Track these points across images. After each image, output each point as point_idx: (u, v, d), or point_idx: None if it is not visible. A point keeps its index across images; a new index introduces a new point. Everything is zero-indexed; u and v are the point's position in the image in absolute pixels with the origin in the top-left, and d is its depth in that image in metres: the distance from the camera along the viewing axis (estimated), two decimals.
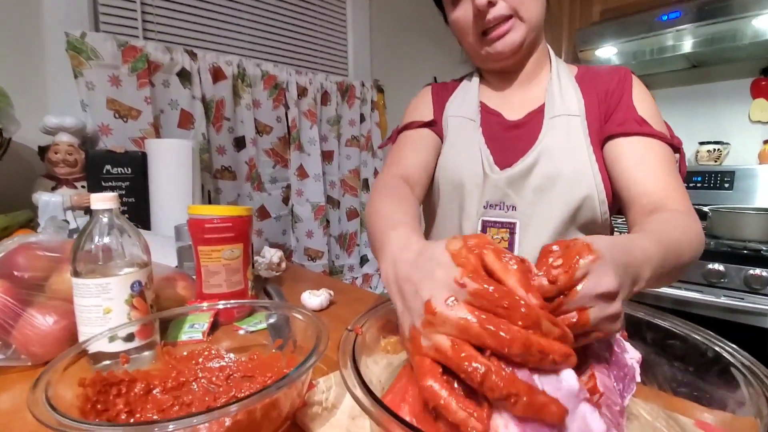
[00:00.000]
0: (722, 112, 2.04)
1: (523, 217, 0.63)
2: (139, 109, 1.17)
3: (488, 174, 0.64)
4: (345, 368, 0.25)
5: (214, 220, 0.67)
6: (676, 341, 0.31)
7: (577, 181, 0.60)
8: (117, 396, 0.39)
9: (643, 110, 0.60)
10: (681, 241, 0.43)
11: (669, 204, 0.52)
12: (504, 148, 0.66)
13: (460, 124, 0.71)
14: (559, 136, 0.62)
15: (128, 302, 0.50)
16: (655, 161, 0.56)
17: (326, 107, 1.68)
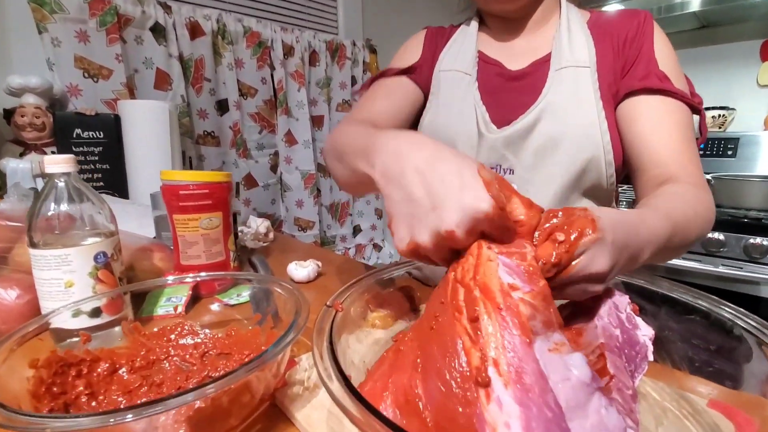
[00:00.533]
0: (730, 75, 1.98)
1: (521, 181, 0.58)
2: (110, 68, 1.10)
3: (483, 134, 0.59)
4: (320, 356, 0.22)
5: (190, 186, 0.63)
6: (696, 316, 0.28)
7: (584, 141, 0.55)
8: (77, 377, 0.36)
9: (665, 64, 0.55)
10: (690, 220, 0.41)
11: (682, 176, 0.48)
12: (502, 104, 0.60)
13: (454, 79, 0.64)
14: (566, 91, 0.56)
15: (92, 275, 0.46)
16: (673, 127, 0.52)
17: (315, 68, 1.59)
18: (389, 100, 0.66)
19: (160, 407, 0.22)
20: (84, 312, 0.44)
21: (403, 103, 0.66)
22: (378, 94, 0.68)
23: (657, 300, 0.34)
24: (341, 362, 0.22)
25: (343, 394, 0.19)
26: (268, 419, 0.34)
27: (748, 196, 1.40)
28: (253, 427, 0.33)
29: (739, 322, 0.26)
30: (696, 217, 0.42)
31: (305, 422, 0.32)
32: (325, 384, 0.20)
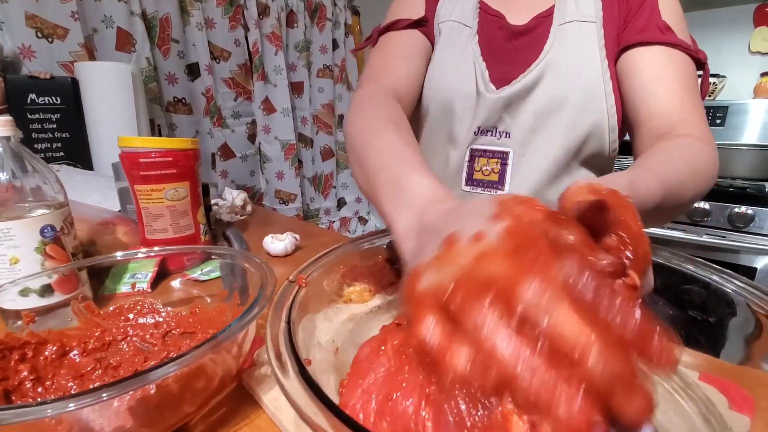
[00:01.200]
0: (721, 42, 1.95)
1: (518, 145, 0.55)
2: (65, 27, 1.01)
3: (482, 93, 0.55)
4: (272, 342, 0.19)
5: (152, 153, 0.58)
6: (694, 286, 0.26)
7: (587, 103, 0.52)
8: (20, 361, 0.33)
9: (669, 15, 0.51)
10: (685, 181, 0.37)
11: (682, 128, 0.45)
12: (504, 61, 0.56)
13: (452, 30, 0.59)
14: (569, 48, 0.53)
15: (39, 250, 0.42)
16: (674, 77, 0.48)
17: (293, 30, 1.51)
18: (408, 61, 0.60)
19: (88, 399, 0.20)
20: (33, 290, 0.41)
21: (422, 65, 0.60)
22: (394, 54, 0.61)
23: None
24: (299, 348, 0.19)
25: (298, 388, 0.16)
26: (234, 402, 0.32)
27: (734, 164, 1.40)
28: (217, 411, 0.31)
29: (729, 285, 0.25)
30: (693, 177, 0.38)
31: (272, 405, 0.30)
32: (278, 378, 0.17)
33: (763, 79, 1.81)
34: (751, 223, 1.22)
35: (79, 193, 0.78)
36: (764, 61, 1.86)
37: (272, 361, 0.18)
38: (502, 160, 0.56)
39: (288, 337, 0.19)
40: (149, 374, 0.21)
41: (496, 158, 0.56)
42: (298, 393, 0.16)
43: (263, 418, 0.30)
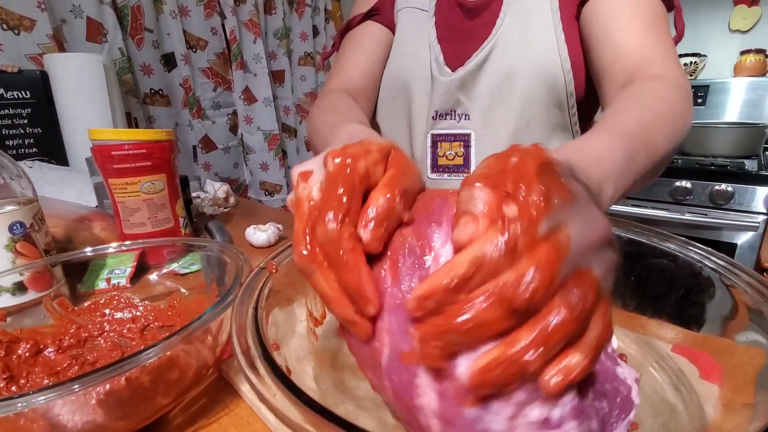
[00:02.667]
0: (701, 21, 1.97)
1: (478, 126, 0.55)
2: (32, 18, 0.97)
3: (436, 77, 0.55)
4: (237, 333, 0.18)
5: (125, 145, 0.57)
6: (663, 259, 0.27)
7: (540, 73, 0.51)
8: None
9: None
10: (652, 130, 0.34)
11: (646, 69, 0.42)
12: (458, 41, 0.55)
13: (410, 16, 0.59)
14: (521, 18, 0.52)
15: (9, 248, 0.41)
16: (635, 17, 0.45)
17: (271, 17, 1.47)
18: (359, 52, 0.61)
19: (58, 392, 0.19)
20: (5, 288, 0.40)
21: (375, 52, 0.61)
22: (347, 49, 0.62)
23: (624, 243, 0.32)
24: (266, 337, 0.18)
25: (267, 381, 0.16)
26: (214, 392, 0.32)
27: (714, 143, 1.43)
28: (197, 402, 0.31)
29: (707, 262, 0.25)
30: (661, 123, 0.35)
31: (252, 395, 0.29)
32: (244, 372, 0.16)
33: (743, 57, 1.83)
34: (732, 200, 1.25)
35: (54, 189, 0.77)
36: (744, 39, 1.88)
37: (235, 347, 0.17)
38: (464, 142, 0.55)
39: (254, 323, 0.19)
40: (117, 366, 0.21)
41: (459, 141, 0.56)
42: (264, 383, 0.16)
43: (243, 408, 0.30)
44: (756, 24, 1.85)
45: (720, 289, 0.26)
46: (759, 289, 0.21)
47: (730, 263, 0.24)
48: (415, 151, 0.60)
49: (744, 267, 0.24)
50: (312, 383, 0.24)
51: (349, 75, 0.59)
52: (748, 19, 1.87)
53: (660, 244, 0.28)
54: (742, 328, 0.23)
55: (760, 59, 1.79)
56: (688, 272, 0.26)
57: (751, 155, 1.39)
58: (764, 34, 1.84)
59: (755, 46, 1.82)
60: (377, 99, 0.64)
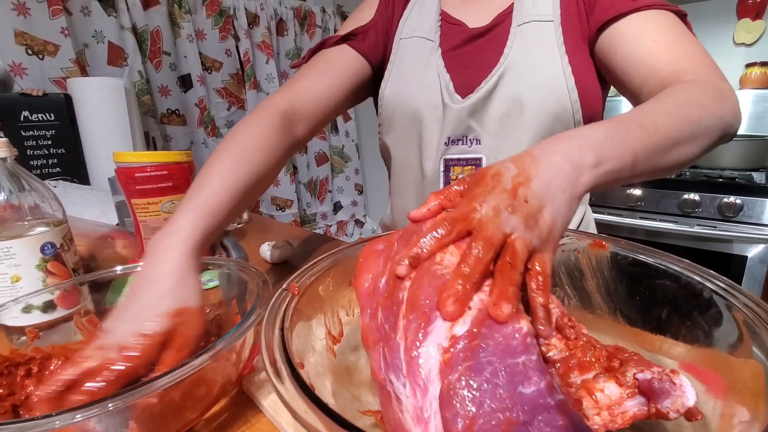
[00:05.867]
0: (706, 34, 1.98)
1: (489, 151, 0.56)
2: (56, 44, 1.02)
3: (448, 105, 0.56)
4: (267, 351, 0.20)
5: (147, 168, 0.59)
6: (667, 281, 0.28)
7: (549, 100, 0.52)
8: (26, 377, 0.34)
9: None
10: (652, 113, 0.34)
11: (680, 77, 0.41)
12: (466, 67, 0.56)
13: (415, 46, 0.60)
14: (528, 48, 0.53)
15: (41, 267, 0.43)
16: (657, 32, 0.46)
17: (283, 38, 1.52)
18: (322, 76, 0.59)
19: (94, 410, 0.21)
20: (36, 307, 0.42)
21: (338, 80, 0.60)
22: (312, 70, 0.61)
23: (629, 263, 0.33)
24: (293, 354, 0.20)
25: (294, 395, 0.17)
26: (235, 407, 0.33)
27: (722, 156, 1.42)
28: (219, 417, 0.32)
29: (708, 284, 0.26)
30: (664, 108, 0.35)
31: (272, 409, 0.31)
32: (273, 383, 0.18)
33: (748, 70, 1.83)
34: (741, 213, 1.24)
35: (77, 208, 0.79)
36: (748, 52, 1.89)
37: (267, 367, 0.19)
38: (476, 166, 0.56)
39: (282, 343, 0.20)
40: (152, 384, 0.22)
41: (471, 165, 0.57)
42: (293, 397, 0.17)
43: (264, 422, 0.32)
44: (760, 37, 1.86)
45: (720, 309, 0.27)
46: (756, 311, 0.22)
47: (730, 285, 0.25)
48: (426, 172, 0.61)
49: (742, 289, 0.25)
50: (331, 399, 0.25)
51: (300, 96, 0.57)
52: (753, 33, 1.88)
53: (664, 264, 0.29)
54: (742, 346, 0.24)
55: (766, 72, 1.80)
56: (690, 293, 0.27)
57: (759, 167, 1.39)
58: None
59: (760, 59, 1.82)
60: (386, 125, 0.64)
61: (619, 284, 0.32)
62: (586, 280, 0.34)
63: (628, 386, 0.25)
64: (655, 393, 0.24)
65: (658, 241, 1.43)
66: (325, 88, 0.59)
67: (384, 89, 0.62)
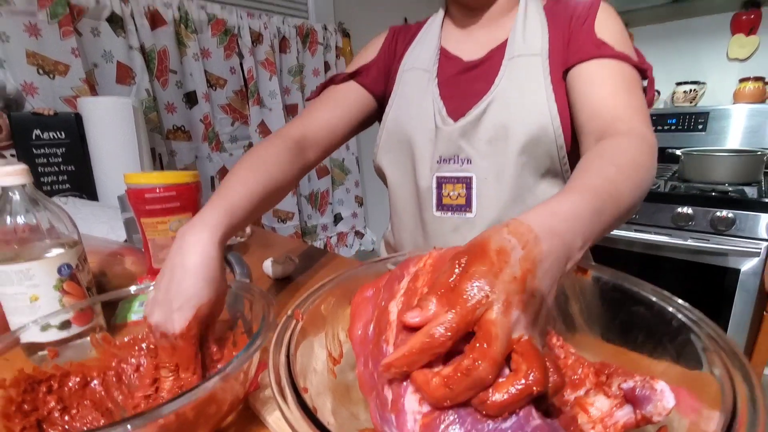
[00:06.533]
0: (700, 49, 2.02)
1: (479, 170, 0.59)
2: (66, 63, 1.05)
3: (440, 127, 0.60)
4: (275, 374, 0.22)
5: (156, 189, 0.62)
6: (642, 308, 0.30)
7: (532, 128, 0.55)
8: (47, 393, 0.36)
9: (605, 33, 0.54)
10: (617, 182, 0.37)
11: (617, 126, 0.47)
12: (459, 95, 0.61)
13: (415, 77, 0.65)
14: (517, 80, 0.57)
15: (58, 288, 0.46)
16: (609, 79, 0.51)
17: (286, 55, 1.56)
18: (331, 108, 0.68)
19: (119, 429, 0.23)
20: (53, 325, 0.44)
21: (346, 112, 0.68)
22: (322, 103, 0.69)
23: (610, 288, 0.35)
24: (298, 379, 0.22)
25: (298, 418, 0.19)
26: (241, 422, 0.36)
27: (715, 170, 1.45)
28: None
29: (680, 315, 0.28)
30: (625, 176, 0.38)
31: (276, 425, 0.33)
32: (280, 407, 0.20)
33: (742, 85, 1.87)
34: (733, 226, 1.26)
35: (87, 224, 0.82)
36: (742, 67, 1.93)
37: (275, 391, 0.21)
38: (466, 184, 0.60)
39: (287, 370, 0.23)
40: (167, 406, 0.25)
41: (461, 183, 0.60)
42: (297, 420, 0.19)
43: None
44: (754, 52, 1.90)
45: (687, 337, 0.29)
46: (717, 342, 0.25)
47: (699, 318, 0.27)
48: (420, 188, 0.64)
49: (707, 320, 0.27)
50: (331, 417, 0.27)
51: (312, 126, 0.65)
52: (746, 48, 1.91)
53: (640, 292, 0.32)
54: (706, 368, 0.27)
55: (760, 86, 1.83)
56: (662, 320, 0.29)
57: (751, 182, 1.41)
58: (762, 62, 1.89)
59: (754, 74, 1.86)
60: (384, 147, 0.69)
61: (601, 308, 0.34)
62: (571, 305, 0.36)
63: (615, 397, 0.27)
64: (639, 400, 0.26)
65: (655, 254, 1.45)
66: (335, 120, 0.67)
67: (387, 116, 0.68)
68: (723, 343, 0.24)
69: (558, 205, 0.30)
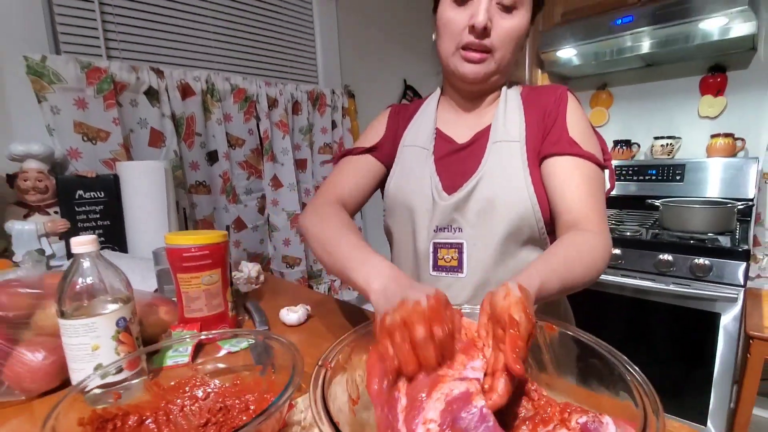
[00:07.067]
0: (674, 108, 2.17)
1: (469, 237, 0.68)
2: (107, 131, 1.18)
3: (437, 201, 0.69)
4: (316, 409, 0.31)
5: (192, 248, 0.70)
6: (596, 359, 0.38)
7: (515, 203, 0.65)
8: (113, 430, 0.43)
9: (575, 131, 0.66)
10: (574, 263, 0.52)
11: (584, 224, 0.59)
12: (452, 172, 0.71)
13: (414, 152, 0.76)
14: (499, 162, 0.67)
15: (115, 338, 0.53)
16: (580, 180, 0.63)
17: (297, 116, 1.70)
18: (352, 176, 0.80)
19: None
20: (110, 373, 0.51)
21: (368, 181, 0.81)
22: (346, 172, 0.81)
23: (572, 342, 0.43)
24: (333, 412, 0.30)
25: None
26: None
27: (692, 220, 1.54)
28: None
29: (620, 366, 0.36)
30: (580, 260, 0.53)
31: None
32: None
33: (713, 140, 2.00)
34: (711, 273, 1.33)
35: None
36: (712, 124, 2.07)
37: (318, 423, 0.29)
38: (459, 249, 0.69)
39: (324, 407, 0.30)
40: None
41: (454, 248, 0.69)
42: None
43: None
44: (723, 111, 2.05)
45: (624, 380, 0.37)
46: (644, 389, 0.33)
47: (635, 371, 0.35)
48: (418, 252, 0.73)
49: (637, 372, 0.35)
50: None
51: (343, 192, 0.78)
52: (715, 107, 2.06)
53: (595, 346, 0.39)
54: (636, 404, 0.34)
55: (730, 142, 1.96)
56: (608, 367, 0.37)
57: (724, 231, 1.50)
58: (731, 119, 2.03)
59: (724, 131, 1.99)
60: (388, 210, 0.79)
61: (565, 357, 0.42)
62: (543, 354, 0.44)
63: (574, 430, 0.35)
64: (590, 431, 0.34)
65: (644, 299, 1.51)
66: (359, 187, 0.80)
67: (389, 184, 0.78)
68: (645, 386, 0.32)
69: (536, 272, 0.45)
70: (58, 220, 1.02)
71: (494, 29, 0.64)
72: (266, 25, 1.65)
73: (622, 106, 2.31)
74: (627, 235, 1.56)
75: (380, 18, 2.14)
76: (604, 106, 2.38)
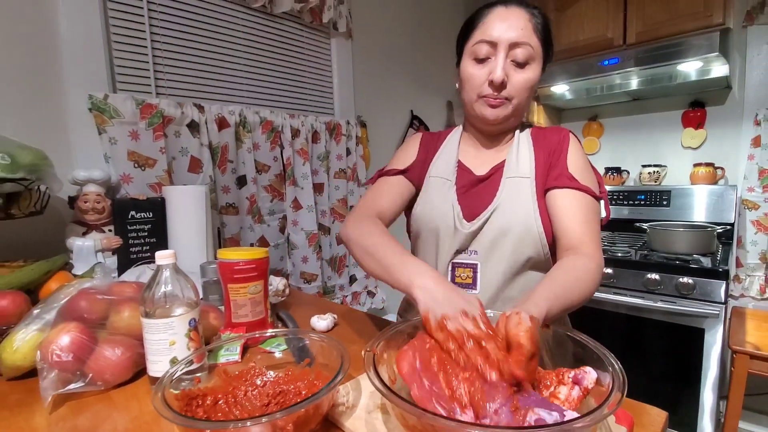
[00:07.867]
0: (659, 138, 2.30)
1: (482, 259, 0.78)
2: (155, 159, 1.29)
3: (458, 228, 0.79)
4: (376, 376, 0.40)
5: (241, 262, 0.80)
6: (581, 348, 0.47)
7: (524, 232, 0.75)
8: (197, 406, 0.52)
9: (574, 168, 0.76)
10: (572, 287, 0.60)
11: (580, 247, 0.67)
12: (471, 201, 0.80)
13: (439, 183, 0.86)
14: (512, 195, 0.77)
15: (187, 335, 0.63)
16: (578, 210, 0.72)
17: (316, 145, 1.83)
18: (387, 194, 0.88)
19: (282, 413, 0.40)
20: (188, 362, 0.61)
21: (401, 199, 0.89)
22: (383, 190, 0.89)
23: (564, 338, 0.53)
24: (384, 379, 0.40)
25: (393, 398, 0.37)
26: (325, 427, 0.51)
27: (677, 242, 1.63)
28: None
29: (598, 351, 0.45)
30: (578, 283, 0.61)
31: (352, 426, 0.49)
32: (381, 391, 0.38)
33: (696, 169, 2.11)
34: (694, 291, 1.42)
35: None
36: (695, 154, 2.19)
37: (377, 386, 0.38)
38: (473, 269, 0.79)
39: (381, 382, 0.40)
40: (300, 405, 0.41)
41: (469, 268, 0.79)
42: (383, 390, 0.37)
43: None
44: (704, 143, 2.17)
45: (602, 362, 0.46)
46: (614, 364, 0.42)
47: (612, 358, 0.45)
48: (439, 268, 0.82)
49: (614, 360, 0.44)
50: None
51: (380, 208, 0.85)
52: (696, 139, 2.19)
53: (581, 341, 0.49)
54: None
55: (711, 170, 2.07)
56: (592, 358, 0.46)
57: (706, 253, 1.59)
58: (711, 150, 2.15)
59: (705, 160, 2.10)
60: (414, 228, 0.88)
61: (558, 350, 0.51)
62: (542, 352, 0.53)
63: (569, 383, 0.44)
64: (579, 380, 0.43)
65: (637, 315, 1.59)
66: (393, 204, 0.87)
67: (416, 209, 0.87)
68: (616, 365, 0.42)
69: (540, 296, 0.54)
70: (112, 237, 1.13)
71: (510, 82, 0.74)
72: (291, 64, 1.79)
73: (612, 136, 2.43)
74: (618, 256, 1.65)
75: (390, 55, 2.30)
76: (596, 135, 2.50)
